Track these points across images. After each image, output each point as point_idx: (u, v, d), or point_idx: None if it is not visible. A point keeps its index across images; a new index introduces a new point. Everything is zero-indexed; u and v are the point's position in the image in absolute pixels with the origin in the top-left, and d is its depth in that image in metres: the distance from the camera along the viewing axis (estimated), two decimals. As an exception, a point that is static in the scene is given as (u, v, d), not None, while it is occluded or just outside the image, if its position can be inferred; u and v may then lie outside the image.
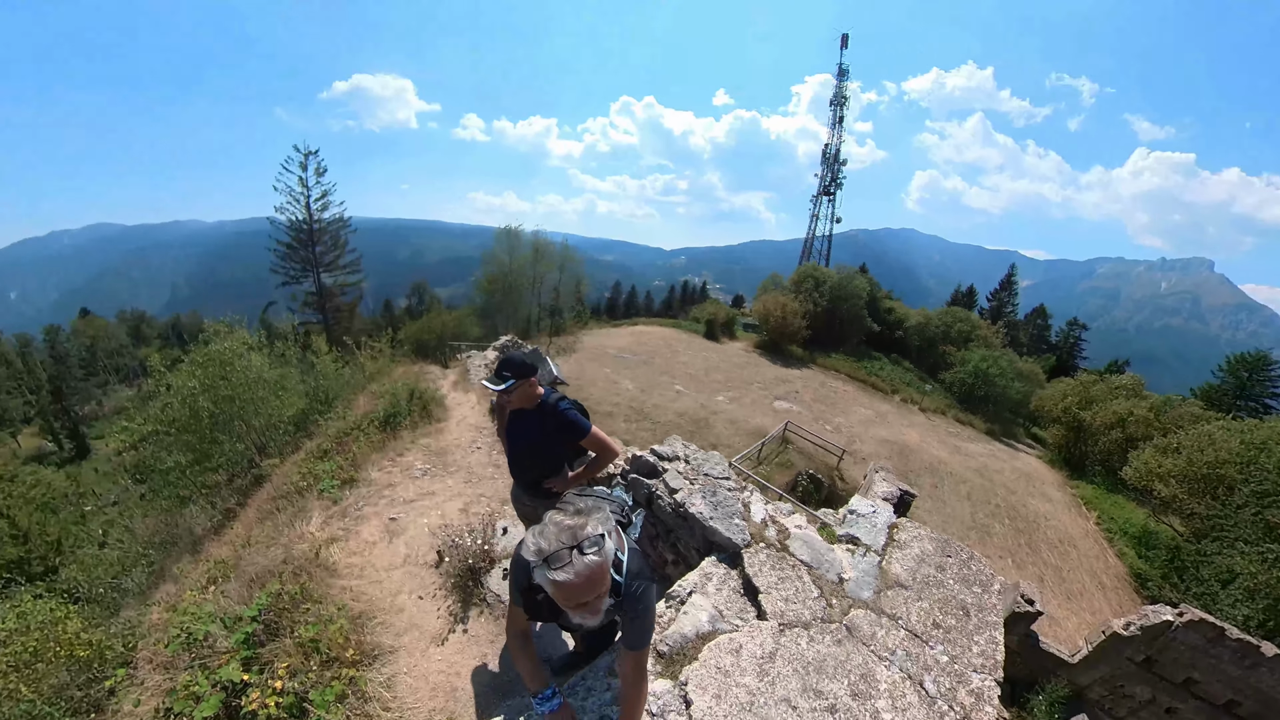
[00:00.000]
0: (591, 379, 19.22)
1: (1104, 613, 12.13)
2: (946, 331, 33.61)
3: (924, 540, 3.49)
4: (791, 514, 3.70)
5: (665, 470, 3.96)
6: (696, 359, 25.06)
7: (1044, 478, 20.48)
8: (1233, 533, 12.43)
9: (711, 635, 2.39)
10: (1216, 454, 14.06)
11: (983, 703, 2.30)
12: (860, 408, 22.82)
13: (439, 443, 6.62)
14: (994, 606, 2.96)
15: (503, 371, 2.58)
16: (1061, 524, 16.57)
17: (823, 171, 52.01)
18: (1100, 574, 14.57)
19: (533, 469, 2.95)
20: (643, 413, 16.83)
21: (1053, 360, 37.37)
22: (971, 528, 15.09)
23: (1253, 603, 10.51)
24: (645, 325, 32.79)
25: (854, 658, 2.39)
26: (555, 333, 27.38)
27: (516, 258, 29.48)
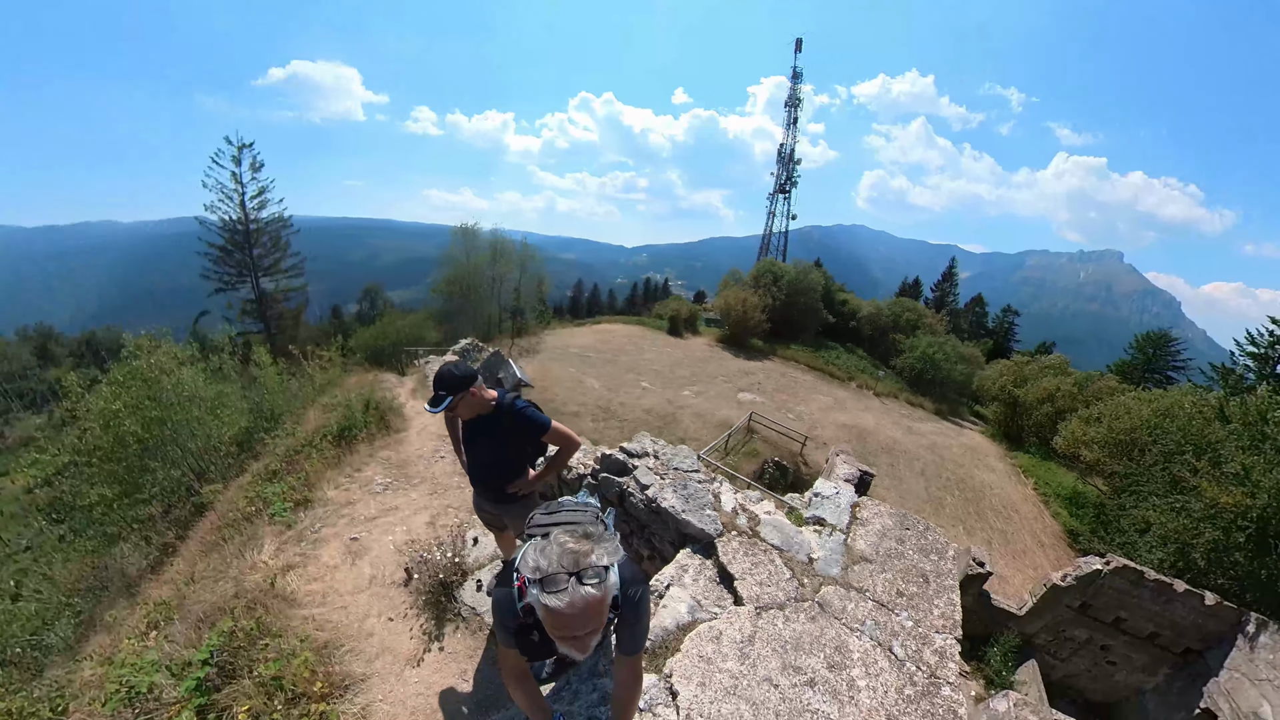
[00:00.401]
0: (557, 379, 18.98)
1: (1044, 568, 13.24)
2: (896, 320, 35.42)
3: (884, 516, 3.66)
4: (760, 501, 3.80)
5: (635, 467, 3.97)
6: (661, 355, 25.22)
7: (987, 451, 22.02)
8: (1146, 488, 13.77)
9: (691, 625, 2.43)
10: (1131, 421, 15.67)
11: (946, 660, 2.47)
12: (819, 395, 23.71)
13: (399, 454, 6.34)
14: (950, 572, 3.16)
15: (438, 391, 2.49)
16: (1004, 492, 17.95)
17: (778, 170, 53.45)
18: (1040, 534, 15.94)
19: (496, 475, 2.88)
20: (610, 411, 16.78)
21: (990, 344, 40.14)
22: (926, 501, 16.04)
23: (1165, 547, 11.71)
24: (609, 324, 32.65)
25: (828, 632, 2.49)
26: (517, 334, 26.83)
27: (475, 258, 28.47)
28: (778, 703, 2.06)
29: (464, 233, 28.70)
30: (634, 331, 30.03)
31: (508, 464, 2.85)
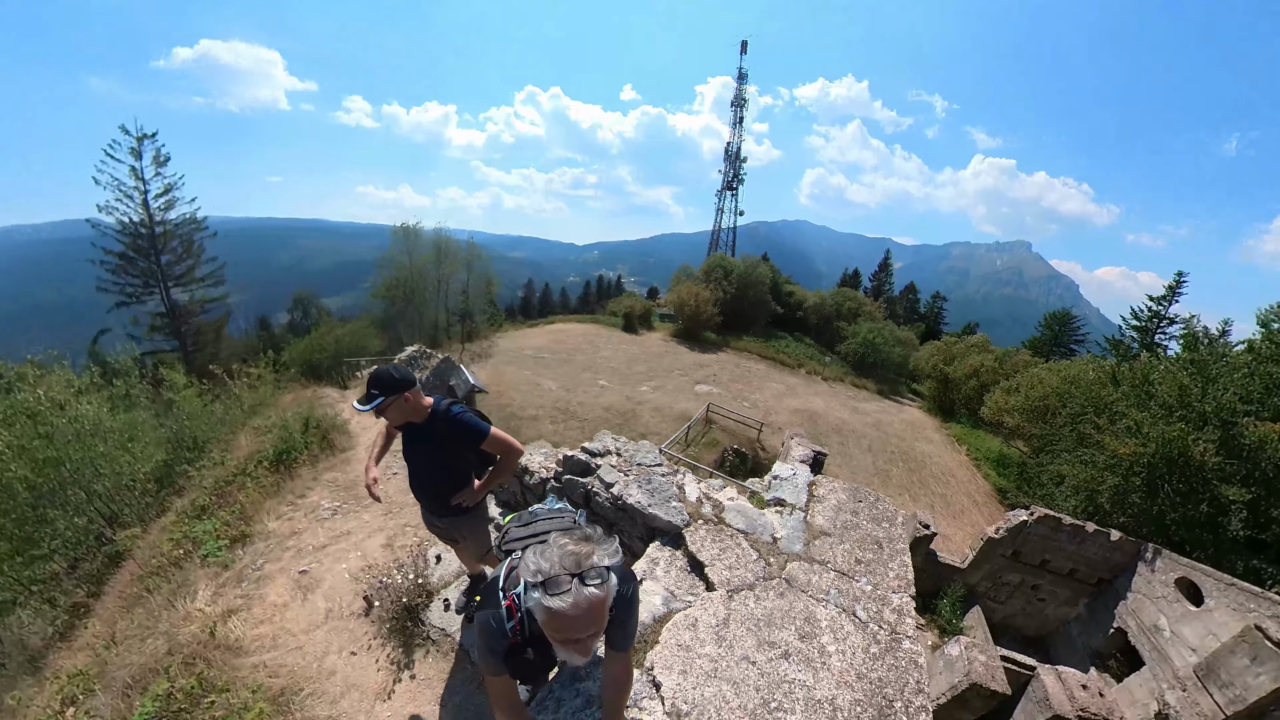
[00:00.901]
0: (512, 383, 18.52)
1: (980, 525, 14.54)
2: (839, 309, 37.39)
3: (838, 492, 3.85)
4: (723, 489, 3.89)
5: (598, 466, 3.95)
6: (617, 352, 25.23)
7: (925, 424, 23.74)
8: (1059, 446, 15.62)
9: (667, 616, 2.45)
10: (1043, 390, 17.69)
11: (904, 617, 2.66)
12: (772, 383, 24.60)
13: (347, 475, 5.93)
14: (900, 537, 3.39)
15: (370, 390, 2.35)
16: (941, 460, 19.45)
17: (726, 168, 54.86)
18: (974, 494, 17.50)
19: (436, 486, 2.74)
20: (569, 411, 16.60)
21: (923, 327, 43.38)
22: (874, 474, 17.09)
23: (1076, 496, 13.23)
24: (563, 323, 32.23)
25: (796, 605, 2.60)
26: (467, 338, 25.86)
27: (417, 259, 27.02)
28: (757, 678, 2.14)
29: (404, 232, 27.09)
30: (589, 330, 29.82)
31: (448, 474, 2.72)
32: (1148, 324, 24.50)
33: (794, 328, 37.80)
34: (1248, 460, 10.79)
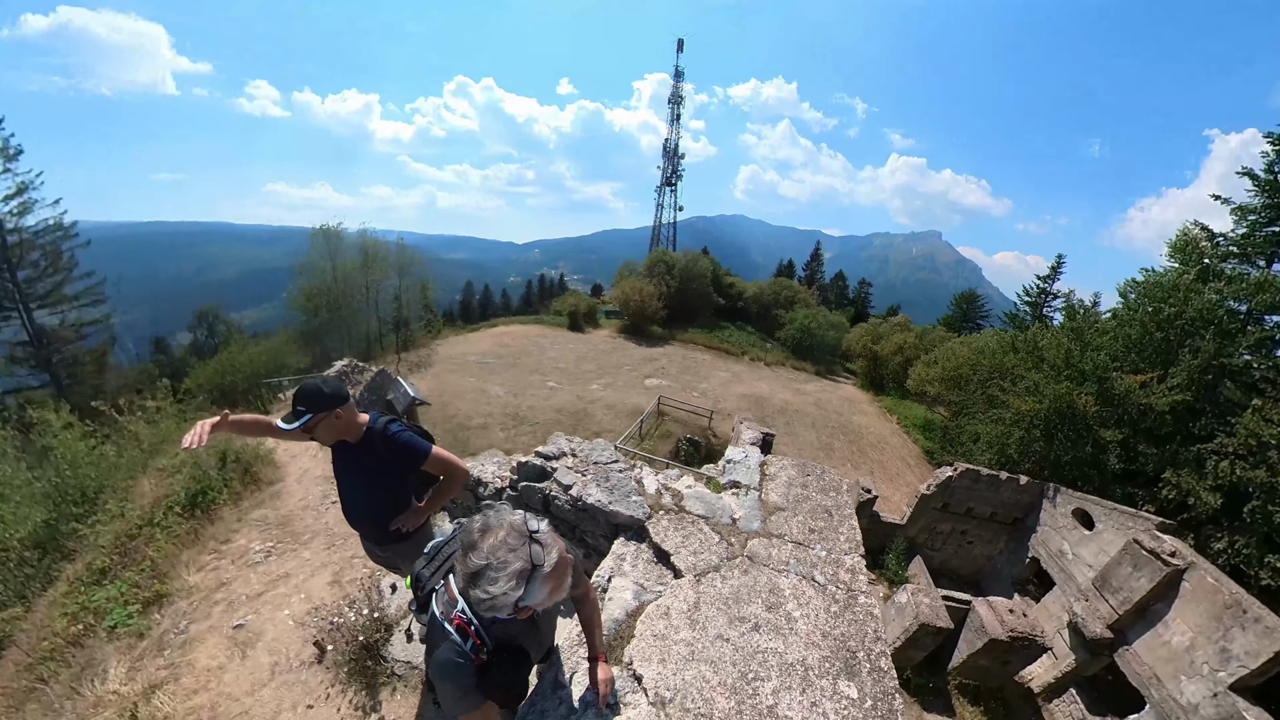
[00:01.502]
0: (456, 392, 17.74)
1: (913, 484, 15.91)
2: (776, 298, 39.16)
3: (788, 469, 4.05)
4: (680, 478, 3.97)
5: (555, 469, 3.90)
6: (565, 352, 24.90)
7: (859, 399, 25.51)
8: (973, 409, 17.66)
9: (640, 609, 2.48)
10: (957, 361, 19.87)
11: (856, 575, 2.88)
12: (718, 371, 25.34)
13: (279, 510, 5.43)
14: (847, 503, 3.63)
15: (297, 406, 2.13)
16: (876, 429, 21.04)
17: (664, 164, 55.46)
18: (906, 458, 19.13)
19: (374, 512, 2.51)
20: (519, 417, 16.18)
21: (852, 311, 46.60)
22: (819, 448, 18.14)
23: (990, 450, 14.98)
24: (506, 325, 31.21)
25: (760, 579, 2.72)
26: (404, 348, 24.34)
27: (342, 264, 24.79)
28: (732, 654, 2.24)
29: (326, 235, 24.73)
30: (534, 331, 29.15)
31: (387, 499, 2.49)
32: (1037, 299, 27.99)
33: (736, 317, 39.16)
34: (1118, 407, 12.71)
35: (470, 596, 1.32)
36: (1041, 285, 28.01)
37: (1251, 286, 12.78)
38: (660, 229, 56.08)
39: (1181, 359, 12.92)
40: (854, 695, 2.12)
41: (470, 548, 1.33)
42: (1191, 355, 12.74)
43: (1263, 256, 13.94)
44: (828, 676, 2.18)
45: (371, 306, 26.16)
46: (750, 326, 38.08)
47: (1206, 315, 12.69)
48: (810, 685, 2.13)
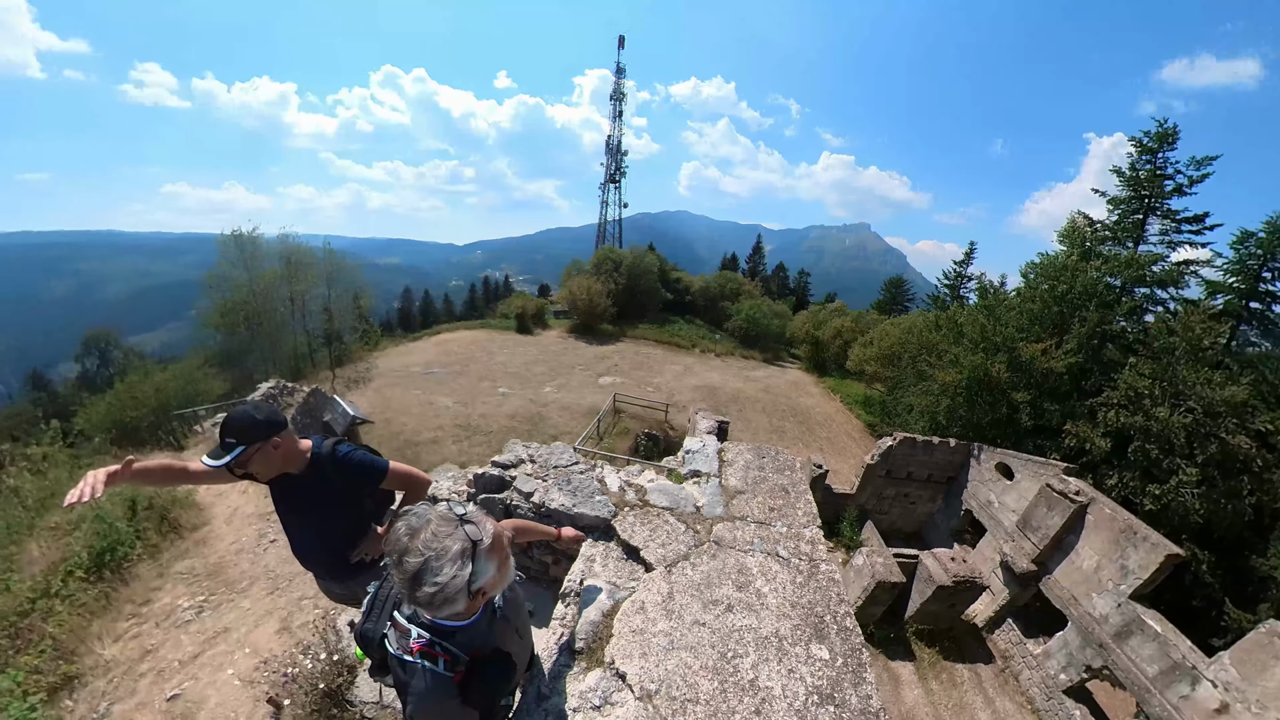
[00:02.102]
0: (401, 407, 16.78)
1: (859, 455, 17.05)
2: (722, 290, 40.30)
3: (745, 453, 4.17)
4: (642, 473, 4.01)
5: (514, 478, 3.82)
6: (515, 356, 24.24)
7: (805, 382, 26.81)
8: (906, 383, 19.30)
9: (615, 608, 2.47)
10: (889, 340, 21.76)
11: (816, 546, 3.04)
12: (671, 365, 25.71)
13: (208, 558, 4.88)
14: (801, 480, 3.80)
15: (225, 439, 1.84)
16: (822, 409, 22.25)
17: (608, 161, 55.12)
18: (851, 433, 20.41)
19: (331, 546, 2.25)
20: (471, 427, 15.57)
21: (794, 300, 49.03)
22: (771, 431, 18.91)
23: (923, 419, 16.72)
24: (450, 332, 29.84)
25: (728, 562, 2.79)
26: (339, 363, 22.63)
27: (261, 274, 22.42)
28: (710, 637, 2.29)
29: (239, 242, 22.19)
30: (480, 336, 28.10)
31: (344, 528, 2.24)
32: (955, 282, 30.90)
33: (684, 311, 39.86)
34: (1025, 372, 14.53)
35: (420, 599, 1.25)
36: (958, 269, 30.97)
37: (1122, 264, 15.20)
38: (605, 226, 55.91)
39: (1073, 328, 14.94)
40: (826, 656, 2.25)
41: (404, 553, 1.26)
42: (1080, 324, 14.78)
43: (1130, 239, 16.52)
44: (801, 643, 2.30)
45: (298, 320, 24.01)
46: (699, 319, 38.92)
47: (1090, 290, 14.84)
48: (785, 654, 2.24)
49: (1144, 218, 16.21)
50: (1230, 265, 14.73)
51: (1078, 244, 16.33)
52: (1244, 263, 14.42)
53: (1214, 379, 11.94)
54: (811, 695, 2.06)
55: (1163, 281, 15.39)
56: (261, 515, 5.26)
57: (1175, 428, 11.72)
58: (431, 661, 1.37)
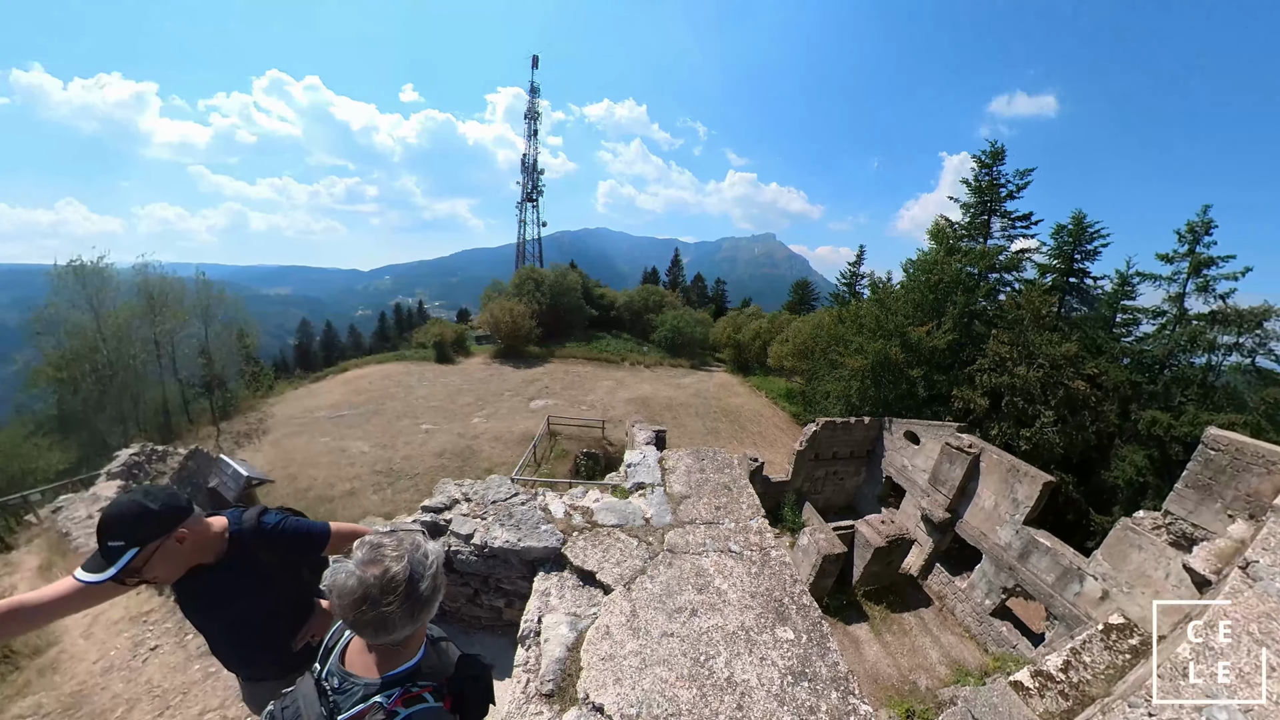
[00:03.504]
0: (307, 459, 14.94)
1: (789, 444, 18.15)
2: (646, 303, 41.15)
3: (684, 459, 4.25)
4: (586, 494, 3.92)
5: (448, 521, 3.57)
6: (436, 388, 22.74)
7: (732, 383, 28.08)
8: (820, 373, 21.01)
9: (580, 639, 2.37)
10: (802, 337, 23.77)
11: (764, 534, 3.17)
12: (603, 381, 25.66)
13: (63, 688, 3.82)
14: (741, 475, 3.94)
15: (108, 542, 1.42)
16: (750, 406, 23.39)
17: (524, 180, 54.22)
18: (779, 424, 21.64)
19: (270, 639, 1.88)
20: (394, 472, 14.27)
21: (713, 308, 51.32)
22: (707, 433, 19.48)
23: (839, 403, 18.56)
24: (360, 368, 27.18)
25: (685, 567, 2.79)
26: (223, 415, 19.61)
27: (111, 313, 18.39)
28: (680, 644, 2.28)
29: (80, 275, 18.02)
30: (396, 370, 25.99)
31: (282, 612, 1.88)
32: (850, 281, 34.77)
33: (610, 326, 40.11)
34: (915, 352, 16.85)
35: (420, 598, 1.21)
36: (852, 270, 34.87)
37: (977, 256, 18.60)
38: (525, 245, 54.93)
39: (947, 310, 17.87)
40: (791, 636, 2.34)
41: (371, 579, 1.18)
42: (953, 307, 17.75)
43: (980, 235, 20.10)
44: (766, 630, 2.36)
45: (165, 366, 20.13)
46: (625, 333, 39.35)
47: (956, 279, 17.99)
48: (754, 643, 2.29)
49: (988, 218, 19.69)
50: (1052, 251, 18.46)
51: (943, 242, 19.42)
52: (1061, 249, 18.16)
53: (1053, 339, 15.14)
54: (786, 676, 2.12)
55: (1007, 267, 18.89)
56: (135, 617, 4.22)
57: (1032, 381, 14.64)
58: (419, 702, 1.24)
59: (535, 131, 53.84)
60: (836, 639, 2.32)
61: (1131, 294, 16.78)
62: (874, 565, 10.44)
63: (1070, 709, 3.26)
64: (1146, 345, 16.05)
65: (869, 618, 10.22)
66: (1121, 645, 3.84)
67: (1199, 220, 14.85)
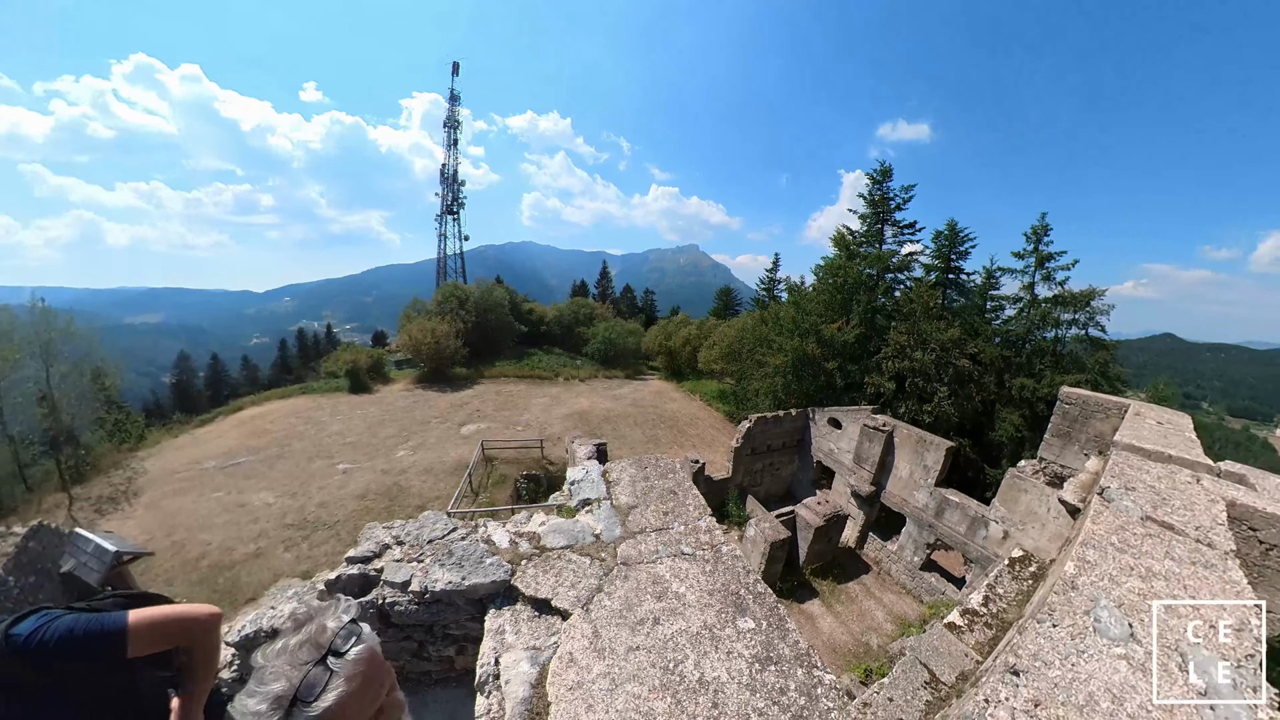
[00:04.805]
0: (197, 520, 12.87)
1: (726, 442, 18.91)
2: (576, 317, 40.87)
3: (628, 469, 4.23)
4: (531, 519, 3.76)
5: (379, 570, 3.25)
6: (353, 422, 20.77)
7: (667, 390, 28.65)
8: (748, 372, 22.51)
9: (544, 673, 2.25)
10: (729, 340, 25.46)
11: (713, 532, 3.25)
12: (537, 399, 24.99)
13: None
14: (685, 479, 4.02)
15: None
16: (687, 410, 24.02)
17: (444, 191, 51.44)
18: (715, 425, 22.47)
19: None
20: (308, 523, 12.74)
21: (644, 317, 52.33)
22: (647, 441, 19.66)
23: (767, 399, 19.96)
24: (258, 405, 23.99)
25: (641, 577, 2.78)
26: (75, 478, 16.18)
27: None
28: (648, 656, 2.25)
29: None
30: (303, 405, 23.35)
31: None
32: (769, 286, 37.13)
33: (542, 342, 39.28)
34: (830, 346, 18.70)
35: None
36: (770, 276, 37.42)
37: (874, 259, 21.22)
38: (446, 261, 52.08)
39: (854, 308, 20.25)
40: (752, 625, 2.42)
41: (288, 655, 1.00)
42: (858, 305, 20.18)
43: (876, 241, 22.74)
44: (728, 624, 2.42)
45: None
46: (557, 348, 38.75)
47: (859, 280, 20.54)
48: (719, 640, 2.33)
49: (881, 227, 22.43)
50: (934, 253, 21.38)
51: (845, 249, 22.08)
52: (940, 251, 21.12)
53: (941, 327, 17.59)
54: (753, 665, 2.18)
55: (899, 268, 21.64)
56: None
57: (928, 364, 16.98)
58: None
59: (456, 140, 51.52)
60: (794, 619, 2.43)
61: (996, 285, 19.86)
62: (816, 544, 11.26)
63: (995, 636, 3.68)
64: (1011, 326, 18.93)
65: (819, 593, 11.01)
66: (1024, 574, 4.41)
67: (1039, 224, 18.25)
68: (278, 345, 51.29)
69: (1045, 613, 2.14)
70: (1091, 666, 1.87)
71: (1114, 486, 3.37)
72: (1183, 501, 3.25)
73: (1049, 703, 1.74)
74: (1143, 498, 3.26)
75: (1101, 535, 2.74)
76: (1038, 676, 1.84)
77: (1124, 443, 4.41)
